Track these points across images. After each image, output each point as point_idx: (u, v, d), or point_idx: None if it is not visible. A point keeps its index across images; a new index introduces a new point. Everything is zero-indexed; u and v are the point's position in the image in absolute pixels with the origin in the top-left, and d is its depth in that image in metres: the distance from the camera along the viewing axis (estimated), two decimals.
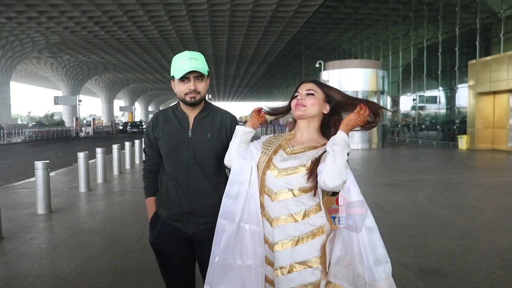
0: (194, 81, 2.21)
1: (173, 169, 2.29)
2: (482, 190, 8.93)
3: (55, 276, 4.11)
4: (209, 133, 2.28)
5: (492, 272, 4.04)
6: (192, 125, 2.29)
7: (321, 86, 2.06)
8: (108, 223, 6.29)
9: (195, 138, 2.27)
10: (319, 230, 1.88)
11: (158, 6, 33.84)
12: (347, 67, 22.11)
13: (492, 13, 20.48)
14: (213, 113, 2.35)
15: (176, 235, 2.31)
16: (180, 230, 2.30)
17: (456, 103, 22.55)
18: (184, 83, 2.21)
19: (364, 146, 20.82)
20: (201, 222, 2.27)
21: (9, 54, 47.06)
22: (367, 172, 12.39)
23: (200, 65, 2.20)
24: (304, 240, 1.86)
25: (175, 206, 2.29)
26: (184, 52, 2.25)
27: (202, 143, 2.27)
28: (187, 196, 2.26)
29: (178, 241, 2.32)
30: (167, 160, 2.32)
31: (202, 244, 2.29)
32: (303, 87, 2.05)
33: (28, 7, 34.50)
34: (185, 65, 2.18)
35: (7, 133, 38.77)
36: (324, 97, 2.03)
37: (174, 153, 2.28)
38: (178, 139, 2.28)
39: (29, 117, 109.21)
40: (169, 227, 2.32)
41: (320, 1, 33.92)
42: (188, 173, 2.26)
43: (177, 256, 2.36)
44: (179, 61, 2.21)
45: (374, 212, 1.87)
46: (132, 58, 60.01)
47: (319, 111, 2.03)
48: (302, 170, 1.88)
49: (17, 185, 9.98)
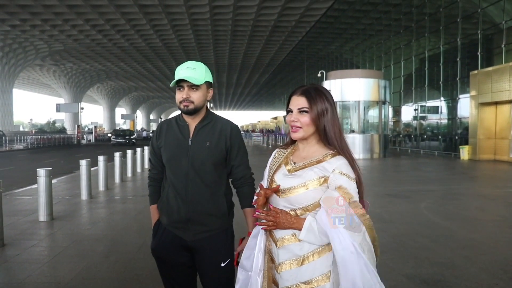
0: (188, 90, 2.24)
1: (173, 176, 2.32)
2: (484, 201, 8.90)
3: (56, 283, 4.10)
4: (208, 141, 2.30)
5: (495, 284, 4.02)
6: (193, 134, 2.32)
7: (312, 102, 1.89)
8: (110, 231, 6.28)
9: (194, 146, 2.29)
10: (325, 248, 1.83)
11: (160, 15, 34.03)
12: (349, 77, 22.14)
13: (494, 24, 20.57)
14: (214, 122, 2.37)
15: (175, 242, 2.33)
16: (179, 237, 2.32)
17: (458, 113, 22.58)
18: (180, 91, 2.26)
19: (365, 156, 20.81)
20: (199, 230, 2.29)
21: (12, 61, 47.28)
22: (369, 182, 12.36)
23: (195, 75, 2.22)
24: (309, 259, 1.82)
25: (174, 214, 2.31)
26: (185, 62, 2.30)
27: (201, 151, 2.29)
28: (185, 204, 2.28)
29: (177, 248, 2.34)
30: (167, 168, 2.36)
31: (201, 253, 2.31)
32: (294, 102, 1.93)
33: (32, 15, 34.73)
34: (181, 73, 2.23)
35: (9, 140, 38.82)
36: (317, 113, 1.88)
37: (174, 160, 2.31)
38: (178, 147, 2.31)
39: (31, 124, 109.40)
40: (169, 234, 2.34)
41: (322, 11, 34.08)
42: (187, 181, 2.28)
43: (177, 264, 2.37)
44: (178, 70, 2.26)
45: (376, 222, 1.87)
46: (134, 66, 60.24)
47: (316, 127, 1.91)
48: (303, 190, 1.84)
49: (19, 192, 9.98)
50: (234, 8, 32.22)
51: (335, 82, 21.79)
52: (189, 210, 2.27)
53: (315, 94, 1.91)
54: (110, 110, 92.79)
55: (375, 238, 1.79)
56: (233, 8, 32.20)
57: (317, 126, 1.90)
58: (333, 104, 1.93)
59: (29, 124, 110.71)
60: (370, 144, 21.20)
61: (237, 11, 33.09)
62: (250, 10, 32.96)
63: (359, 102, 21.49)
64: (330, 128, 1.90)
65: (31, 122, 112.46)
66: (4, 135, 39.48)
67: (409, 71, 28.26)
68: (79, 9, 32.86)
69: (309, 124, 1.89)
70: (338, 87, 21.49)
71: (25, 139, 41.33)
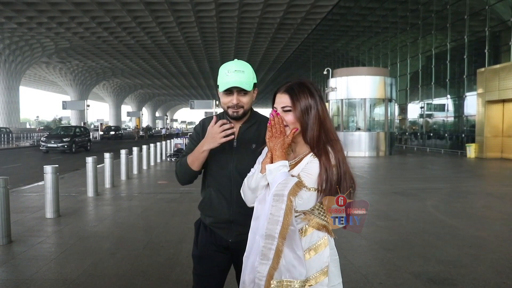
0: (237, 95, 2.15)
1: (216, 177, 2.28)
2: (491, 199, 8.85)
3: (63, 280, 4.12)
4: (254, 144, 2.23)
5: (503, 283, 3.99)
6: (237, 135, 2.25)
7: (295, 99, 1.84)
8: (116, 228, 6.30)
9: (239, 148, 2.24)
10: (321, 245, 1.81)
11: (166, 12, 34.08)
12: (355, 74, 22.07)
13: (501, 21, 20.40)
14: (259, 123, 2.29)
15: (218, 241, 2.32)
16: (221, 237, 2.31)
17: (465, 111, 22.44)
18: (227, 95, 2.16)
19: (371, 153, 20.74)
20: (241, 231, 2.23)
21: (19, 59, 47.52)
22: (375, 180, 12.34)
23: (245, 79, 2.13)
24: (305, 256, 1.79)
25: (217, 214, 2.28)
26: (231, 63, 2.19)
27: (246, 154, 2.22)
28: (229, 205, 2.25)
29: (220, 248, 2.33)
30: (211, 167, 2.30)
31: (240, 254, 2.22)
32: (278, 100, 1.89)
33: (39, 13, 34.89)
34: (229, 77, 2.12)
35: (15, 137, 39.04)
36: (301, 111, 1.83)
37: (218, 162, 2.26)
38: (222, 149, 2.22)
39: (38, 122, 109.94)
40: (212, 233, 2.33)
41: (328, 8, 33.99)
42: (231, 183, 2.23)
43: (214, 263, 2.34)
44: (224, 72, 2.15)
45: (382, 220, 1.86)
46: (140, 63, 60.38)
47: (301, 125, 1.86)
48: None
49: (26, 189, 10.04)
50: (240, 5, 32.21)
51: (341, 79, 21.73)
52: (233, 212, 2.25)
53: (298, 91, 1.85)
54: (116, 108, 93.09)
55: (289, 222, 1.73)
56: (239, 5, 32.19)
57: (302, 124, 1.84)
58: (318, 100, 1.86)
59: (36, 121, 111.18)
60: (376, 142, 21.12)
61: (243, 8, 33.06)
62: (256, 7, 32.92)
63: (365, 100, 21.42)
64: (310, 127, 1.83)
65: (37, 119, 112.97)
66: (11, 132, 39.70)
67: (416, 68, 28.11)
68: (85, 7, 32.97)
69: (295, 123, 1.84)
70: (344, 84, 21.45)
71: (31, 136, 41.54)
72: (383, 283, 4.00)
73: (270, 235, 1.74)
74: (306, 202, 1.76)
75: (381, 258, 4.78)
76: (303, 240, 1.80)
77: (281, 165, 1.78)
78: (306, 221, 1.82)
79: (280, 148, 1.80)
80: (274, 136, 1.82)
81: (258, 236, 1.81)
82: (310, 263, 1.79)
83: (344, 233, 5.30)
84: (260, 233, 1.79)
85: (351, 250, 5.01)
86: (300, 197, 1.73)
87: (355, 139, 21.11)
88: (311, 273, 1.79)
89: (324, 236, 1.83)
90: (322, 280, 1.79)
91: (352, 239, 5.40)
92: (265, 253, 1.75)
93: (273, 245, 1.73)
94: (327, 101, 23.00)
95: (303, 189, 1.74)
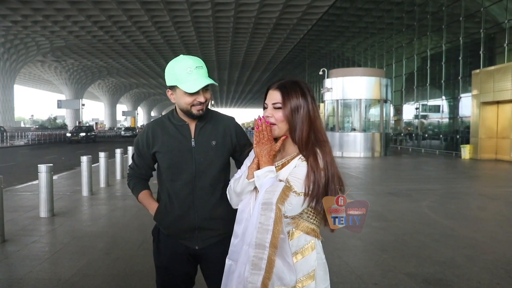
0: (203, 92, 2.03)
1: (176, 182, 2.12)
2: (485, 200, 8.89)
3: (57, 279, 4.10)
4: (213, 140, 2.13)
5: (497, 284, 4.01)
6: (194, 133, 2.13)
7: (286, 97, 1.79)
8: (111, 228, 6.28)
9: (199, 147, 2.11)
10: (308, 248, 1.78)
11: (162, 11, 34.01)
12: (351, 75, 22.10)
13: (496, 23, 20.51)
14: (215, 118, 2.20)
15: (181, 251, 2.18)
16: (186, 246, 2.17)
17: (460, 112, 22.53)
18: (191, 94, 2.00)
19: (366, 154, 20.78)
20: (209, 235, 2.14)
21: (13, 57, 47.26)
22: (370, 180, 12.36)
23: (206, 73, 2.04)
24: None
25: (179, 223, 2.13)
26: (186, 59, 2.01)
27: (207, 152, 2.11)
28: (192, 212, 2.11)
29: (184, 258, 2.19)
30: (169, 174, 2.14)
31: (209, 257, 2.17)
32: (269, 96, 1.84)
33: (34, 11, 34.71)
34: (194, 76, 1.98)
35: (10, 136, 38.82)
36: (291, 109, 1.78)
37: (178, 165, 2.11)
38: (180, 150, 2.10)
39: (32, 120, 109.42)
40: (174, 244, 2.18)
41: (324, 9, 34.04)
42: (193, 185, 2.10)
43: (181, 273, 2.22)
44: (184, 70, 1.98)
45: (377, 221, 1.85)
46: (135, 63, 60.21)
47: (289, 124, 1.81)
48: None
49: (20, 188, 9.99)
50: (236, 5, 32.19)
51: (337, 80, 21.76)
52: (197, 218, 2.11)
53: (290, 88, 1.80)
54: (111, 107, 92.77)
55: (279, 230, 1.69)
56: (235, 5, 32.17)
57: (290, 123, 1.79)
58: (310, 100, 1.81)
59: (30, 120, 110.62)
60: (371, 143, 21.17)
61: (239, 8, 33.05)
62: (252, 7, 32.92)
63: (360, 101, 21.47)
64: (299, 127, 1.78)
65: (32, 118, 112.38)
66: (5, 131, 39.47)
67: (411, 69, 28.18)
68: (80, 5, 32.85)
69: (283, 121, 1.79)
70: (340, 85, 21.49)
71: (26, 135, 41.31)
72: (378, 284, 4.01)
73: (260, 244, 1.68)
74: (296, 207, 1.72)
75: (376, 259, 4.79)
76: (290, 243, 1.74)
77: (268, 171, 1.75)
78: (294, 225, 1.78)
79: (267, 155, 1.78)
80: (261, 142, 1.78)
81: (245, 245, 1.75)
82: (297, 266, 1.75)
83: (339, 234, 5.29)
84: (248, 242, 1.73)
85: (346, 251, 5.01)
86: (289, 203, 1.70)
87: (350, 139, 21.14)
88: (297, 277, 1.75)
89: (312, 240, 1.79)
90: (308, 284, 1.76)
91: (347, 239, 5.41)
92: (256, 263, 1.69)
93: (264, 255, 1.68)
94: (323, 101, 23.03)
95: (292, 194, 1.70)
